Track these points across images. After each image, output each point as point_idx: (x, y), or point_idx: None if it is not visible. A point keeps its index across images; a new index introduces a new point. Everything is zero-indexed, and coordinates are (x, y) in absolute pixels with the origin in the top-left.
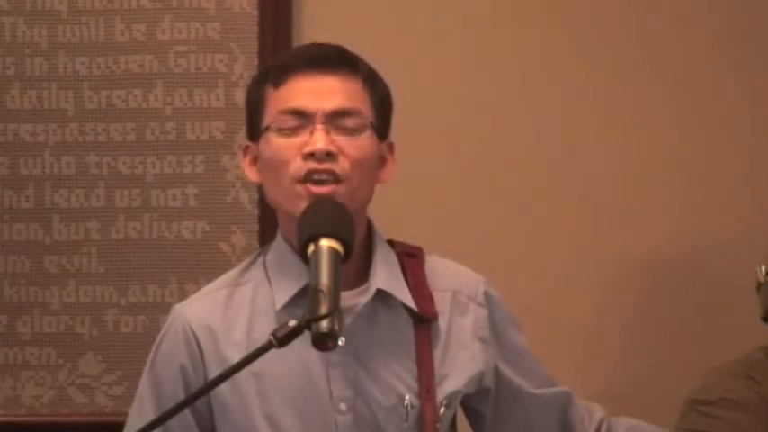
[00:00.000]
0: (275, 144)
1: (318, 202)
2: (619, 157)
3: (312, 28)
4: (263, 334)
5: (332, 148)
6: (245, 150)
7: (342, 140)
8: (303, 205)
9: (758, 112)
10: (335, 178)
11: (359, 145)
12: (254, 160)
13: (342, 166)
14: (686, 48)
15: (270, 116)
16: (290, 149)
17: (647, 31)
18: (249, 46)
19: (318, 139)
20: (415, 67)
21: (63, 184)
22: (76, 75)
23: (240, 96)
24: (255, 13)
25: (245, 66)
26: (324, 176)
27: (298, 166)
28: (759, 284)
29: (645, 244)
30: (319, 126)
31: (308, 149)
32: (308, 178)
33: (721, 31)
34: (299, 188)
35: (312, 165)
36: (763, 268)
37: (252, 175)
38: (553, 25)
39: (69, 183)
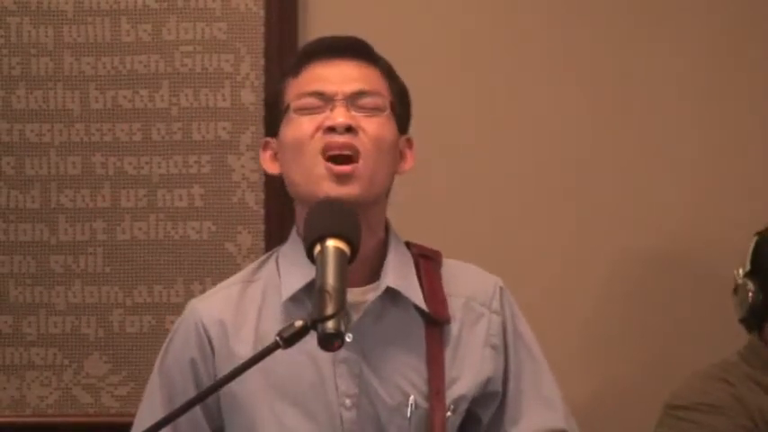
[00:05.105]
0: (296, 122)
1: (325, 203)
2: (620, 157)
3: (318, 27)
4: (270, 326)
5: (352, 122)
6: (265, 145)
7: (361, 118)
8: (325, 186)
9: (758, 111)
10: (355, 154)
11: (378, 123)
12: (274, 156)
13: (362, 141)
14: (687, 47)
15: (290, 100)
16: (311, 125)
17: (650, 31)
18: (255, 46)
19: (338, 114)
20: (421, 66)
21: (69, 185)
22: (82, 75)
23: (246, 96)
24: (261, 12)
25: (251, 66)
26: (345, 151)
27: (318, 139)
28: (736, 287)
29: (645, 243)
30: (339, 103)
31: (328, 123)
32: (328, 151)
33: (721, 30)
34: (321, 168)
35: (332, 138)
36: (740, 271)
37: (272, 168)
38: (561, 26)
39: (75, 183)
